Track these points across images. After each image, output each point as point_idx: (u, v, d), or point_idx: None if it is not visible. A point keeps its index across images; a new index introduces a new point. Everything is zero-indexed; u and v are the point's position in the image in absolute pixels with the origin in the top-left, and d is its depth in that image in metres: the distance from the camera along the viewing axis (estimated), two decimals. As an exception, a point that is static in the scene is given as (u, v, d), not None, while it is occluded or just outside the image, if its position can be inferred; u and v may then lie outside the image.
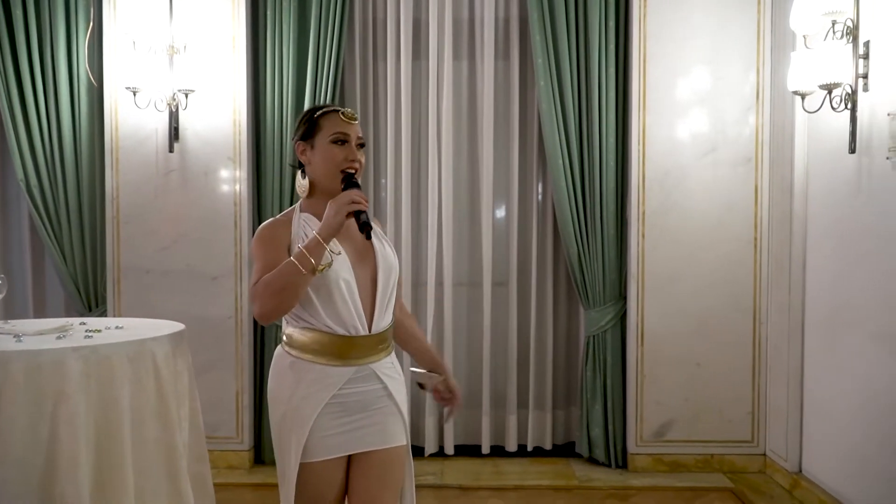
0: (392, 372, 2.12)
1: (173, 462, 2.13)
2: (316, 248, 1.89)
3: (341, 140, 2.02)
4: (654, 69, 4.14)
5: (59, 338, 2.11)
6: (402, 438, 2.12)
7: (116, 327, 2.31)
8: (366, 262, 2.07)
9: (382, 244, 2.12)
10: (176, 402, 2.16)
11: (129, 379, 2.02)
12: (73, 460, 1.89)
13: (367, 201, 1.96)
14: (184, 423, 2.20)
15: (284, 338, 2.07)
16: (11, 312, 2.63)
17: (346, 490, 2.09)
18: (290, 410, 2.00)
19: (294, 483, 1.99)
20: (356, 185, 2.00)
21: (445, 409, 2.29)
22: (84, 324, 2.42)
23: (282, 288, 1.91)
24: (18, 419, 1.86)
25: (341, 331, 2.00)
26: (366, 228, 1.94)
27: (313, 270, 1.89)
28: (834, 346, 3.61)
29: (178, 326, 2.33)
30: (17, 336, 2.13)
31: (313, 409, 1.98)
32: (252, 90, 4.21)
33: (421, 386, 2.24)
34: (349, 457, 2.06)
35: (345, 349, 2.01)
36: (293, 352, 2.03)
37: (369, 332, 2.04)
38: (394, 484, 2.11)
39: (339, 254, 1.97)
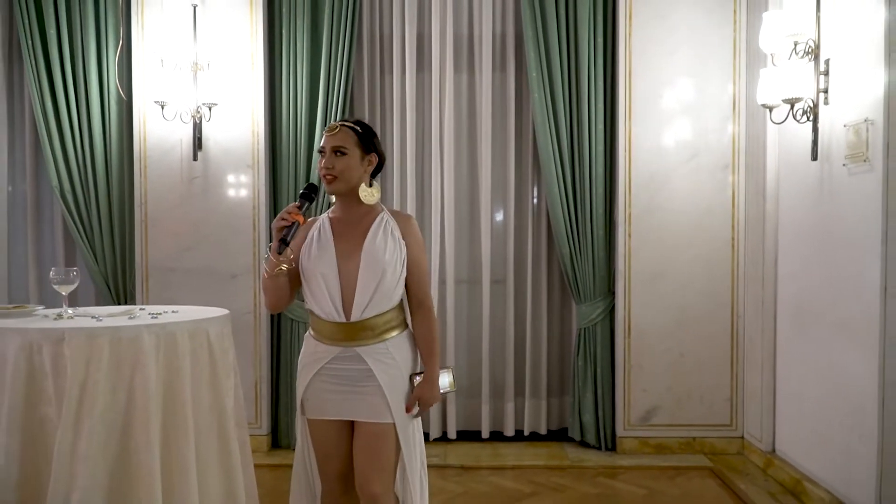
0: (383, 357, 2.48)
1: (223, 423, 2.66)
2: (269, 260, 2.43)
3: (321, 152, 2.52)
4: (639, 82, 4.67)
5: (130, 318, 2.64)
6: (386, 417, 2.47)
7: (172, 311, 2.85)
8: (354, 257, 2.46)
9: (375, 241, 2.46)
10: (225, 373, 2.70)
11: (189, 352, 2.56)
12: (146, 418, 2.43)
13: (292, 215, 2.35)
14: (230, 391, 2.73)
15: None
16: (48, 306, 3.17)
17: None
18: (299, 372, 2.59)
19: (307, 431, 2.56)
20: (303, 196, 2.45)
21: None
22: (143, 309, 2.96)
23: (265, 287, 2.49)
24: (103, 382, 2.39)
25: (323, 315, 2.50)
26: (280, 245, 2.34)
27: (270, 276, 2.42)
28: (800, 337, 4.14)
29: (224, 311, 2.86)
30: (95, 317, 2.67)
31: (308, 373, 2.53)
32: (269, 103, 4.75)
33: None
34: (353, 427, 2.53)
35: (330, 331, 2.48)
36: (310, 327, 2.59)
37: (347, 320, 2.46)
38: (380, 457, 2.47)
39: (289, 267, 2.42)
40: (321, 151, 2.51)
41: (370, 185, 2.54)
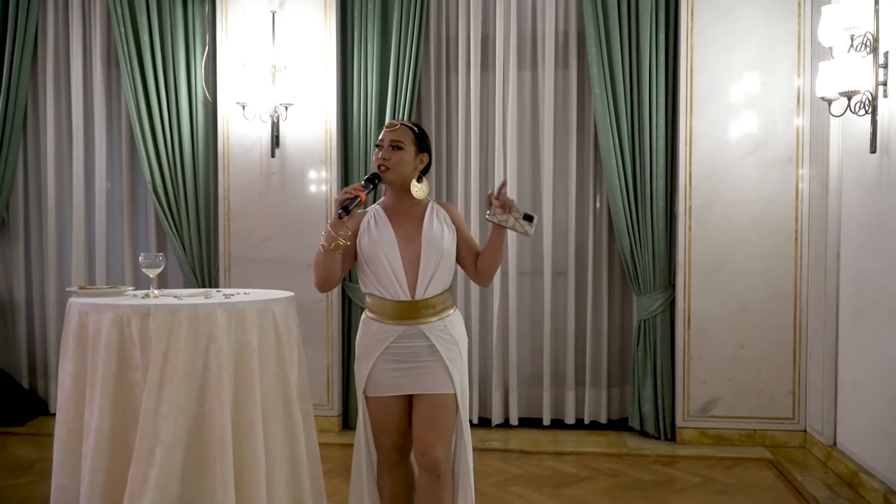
0: (443, 334, 2.76)
1: (287, 393, 3.02)
2: (328, 234, 2.70)
3: (378, 146, 2.83)
4: (700, 76, 4.82)
5: (206, 298, 3.04)
6: (447, 388, 2.74)
7: (244, 293, 3.23)
8: (414, 241, 2.75)
9: (432, 227, 2.76)
10: (289, 348, 3.05)
11: (257, 328, 2.93)
12: (219, 384, 2.80)
13: (355, 190, 2.61)
14: (294, 365, 3.09)
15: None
16: (140, 288, 3.63)
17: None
18: (360, 354, 2.87)
19: (365, 408, 2.84)
20: (368, 179, 2.71)
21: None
22: (220, 291, 3.37)
23: (317, 263, 2.74)
24: (182, 353, 2.78)
25: (387, 296, 2.78)
26: (340, 214, 2.59)
27: (326, 250, 2.69)
28: (858, 328, 4.23)
29: (290, 294, 3.23)
30: (176, 297, 3.08)
31: (372, 354, 2.81)
32: (341, 102, 5.14)
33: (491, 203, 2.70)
34: (411, 400, 2.82)
35: (394, 311, 2.76)
36: (367, 311, 2.89)
37: (412, 298, 2.74)
38: (440, 426, 2.73)
39: (345, 242, 2.66)
40: (378, 145, 2.82)
41: (419, 182, 2.84)
